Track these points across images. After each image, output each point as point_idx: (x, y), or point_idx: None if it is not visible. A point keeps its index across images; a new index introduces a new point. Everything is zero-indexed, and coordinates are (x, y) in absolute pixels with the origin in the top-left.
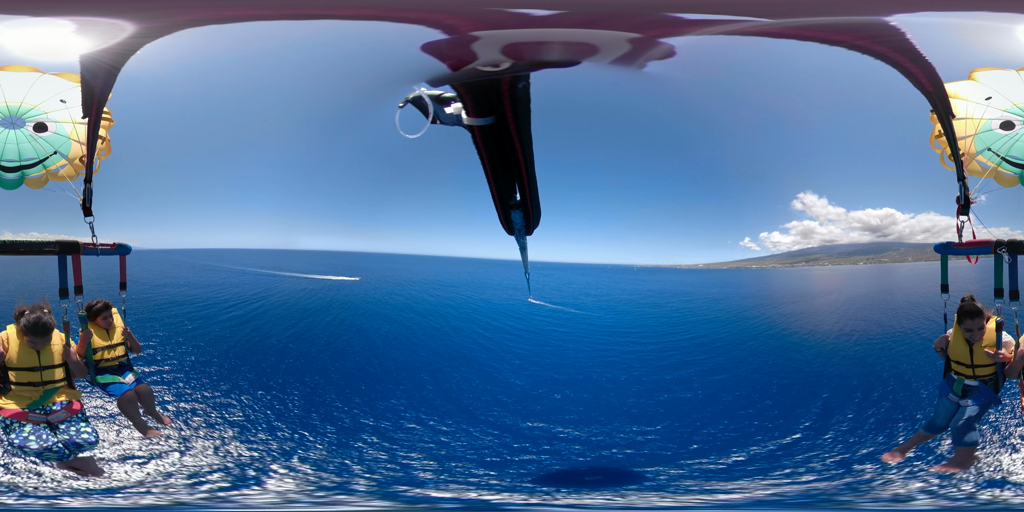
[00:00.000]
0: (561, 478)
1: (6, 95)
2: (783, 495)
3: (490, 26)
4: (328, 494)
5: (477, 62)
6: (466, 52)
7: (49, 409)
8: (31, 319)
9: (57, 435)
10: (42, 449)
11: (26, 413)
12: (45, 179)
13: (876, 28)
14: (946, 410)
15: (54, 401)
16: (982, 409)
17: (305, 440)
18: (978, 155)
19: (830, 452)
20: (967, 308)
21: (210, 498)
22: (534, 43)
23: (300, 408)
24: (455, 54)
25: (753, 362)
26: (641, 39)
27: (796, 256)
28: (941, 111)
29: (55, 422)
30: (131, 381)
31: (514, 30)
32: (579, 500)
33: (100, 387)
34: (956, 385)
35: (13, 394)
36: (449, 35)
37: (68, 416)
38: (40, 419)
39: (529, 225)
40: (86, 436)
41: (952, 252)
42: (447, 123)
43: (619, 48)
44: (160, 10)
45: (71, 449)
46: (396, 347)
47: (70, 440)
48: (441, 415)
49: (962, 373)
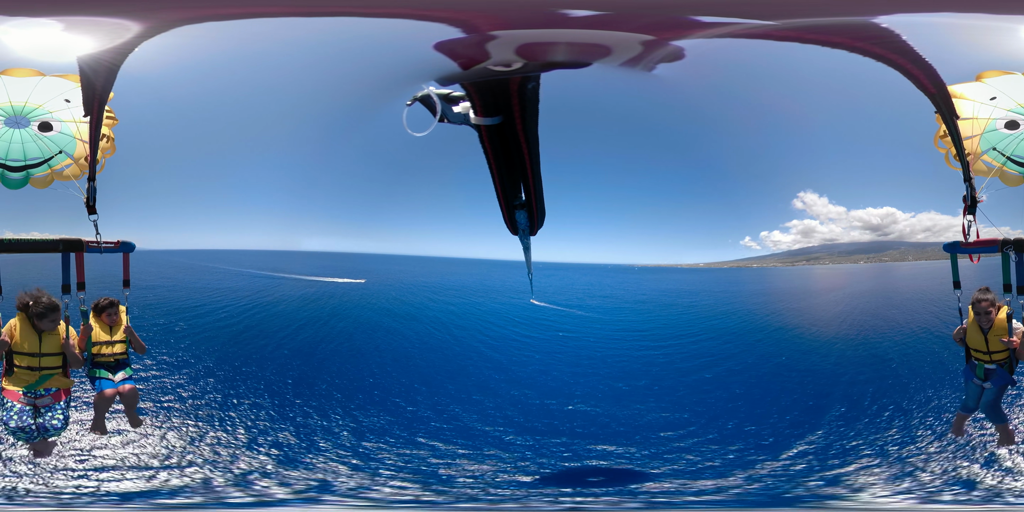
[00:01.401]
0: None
1: (11, 95)
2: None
3: (518, 25)
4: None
5: (489, 61)
6: (479, 51)
7: (39, 393)
8: (43, 301)
9: (36, 418)
10: (17, 428)
11: (19, 394)
12: (50, 179)
13: (875, 31)
14: (974, 392)
15: (46, 387)
16: (1000, 390)
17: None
18: (983, 155)
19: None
20: (978, 293)
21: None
22: (550, 44)
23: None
24: (467, 53)
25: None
26: (653, 41)
27: (797, 255)
28: (944, 112)
29: (40, 406)
30: (119, 380)
31: (532, 30)
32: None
33: (90, 379)
34: (979, 370)
35: (15, 377)
36: (468, 33)
37: (52, 402)
38: (29, 402)
39: (533, 225)
40: (56, 422)
41: (960, 251)
42: (454, 122)
43: (631, 50)
44: (160, 7)
45: (40, 432)
46: (418, 362)
47: (42, 423)
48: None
49: (980, 359)
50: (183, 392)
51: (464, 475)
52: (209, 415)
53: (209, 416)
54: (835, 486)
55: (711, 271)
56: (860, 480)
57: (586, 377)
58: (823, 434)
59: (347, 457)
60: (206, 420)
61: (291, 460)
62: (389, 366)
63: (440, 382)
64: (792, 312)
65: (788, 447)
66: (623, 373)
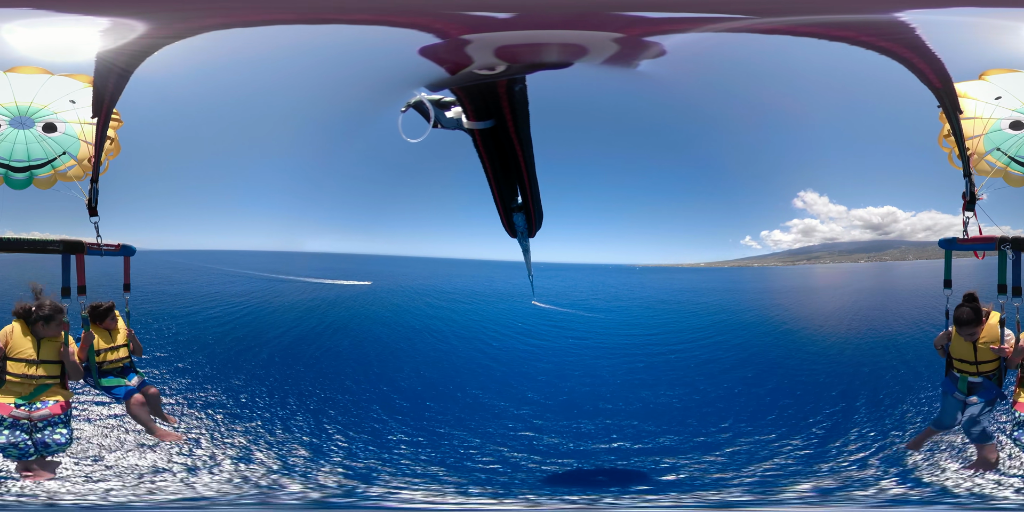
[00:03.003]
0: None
1: (16, 95)
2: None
3: (470, 29)
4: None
5: (473, 65)
6: (461, 55)
7: (35, 406)
8: (45, 302)
9: (32, 434)
10: (8, 444)
11: (10, 408)
12: (54, 179)
13: (884, 24)
14: (952, 408)
15: (42, 399)
16: (988, 405)
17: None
18: (987, 155)
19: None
20: (963, 317)
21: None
22: (526, 45)
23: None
24: (451, 58)
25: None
26: (626, 39)
27: (797, 254)
28: (948, 107)
29: (36, 419)
30: (136, 383)
31: (504, 32)
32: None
33: (104, 390)
34: (961, 383)
35: (6, 388)
36: (441, 39)
37: (51, 416)
38: (22, 415)
39: (531, 227)
40: (59, 437)
41: (956, 248)
42: (448, 127)
43: (607, 48)
44: (173, 12)
45: (39, 448)
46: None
47: (41, 439)
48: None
49: (965, 370)
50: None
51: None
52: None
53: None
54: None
55: (712, 271)
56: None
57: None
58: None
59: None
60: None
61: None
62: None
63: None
64: (814, 309)
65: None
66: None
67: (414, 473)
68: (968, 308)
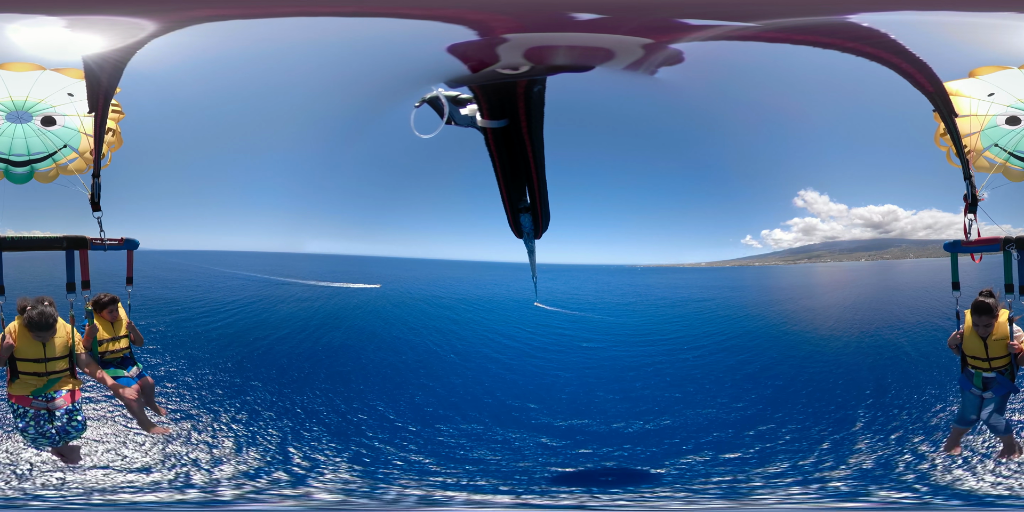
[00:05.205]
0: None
1: (10, 89)
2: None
3: (531, 28)
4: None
5: (497, 64)
6: (489, 54)
7: (51, 397)
8: (33, 315)
9: (53, 422)
10: (37, 435)
11: (30, 399)
12: (55, 173)
13: (865, 31)
14: (971, 403)
15: (57, 389)
16: (1003, 398)
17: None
18: (985, 151)
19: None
20: (980, 306)
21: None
22: (556, 47)
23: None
24: (478, 56)
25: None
26: (653, 44)
27: (798, 253)
28: (943, 110)
29: (54, 409)
30: (135, 374)
31: (541, 34)
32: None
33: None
34: (976, 379)
35: (20, 382)
36: (482, 35)
37: (67, 404)
38: (42, 406)
39: (538, 229)
40: (76, 423)
41: (961, 250)
42: (461, 124)
43: (633, 53)
44: (171, 7)
45: (61, 436)
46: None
47: (62, 427)
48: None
49: (979, 366)
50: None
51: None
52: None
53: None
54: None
55: (714, 270)
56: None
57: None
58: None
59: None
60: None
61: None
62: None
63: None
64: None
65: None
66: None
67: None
68: (987, 301)
